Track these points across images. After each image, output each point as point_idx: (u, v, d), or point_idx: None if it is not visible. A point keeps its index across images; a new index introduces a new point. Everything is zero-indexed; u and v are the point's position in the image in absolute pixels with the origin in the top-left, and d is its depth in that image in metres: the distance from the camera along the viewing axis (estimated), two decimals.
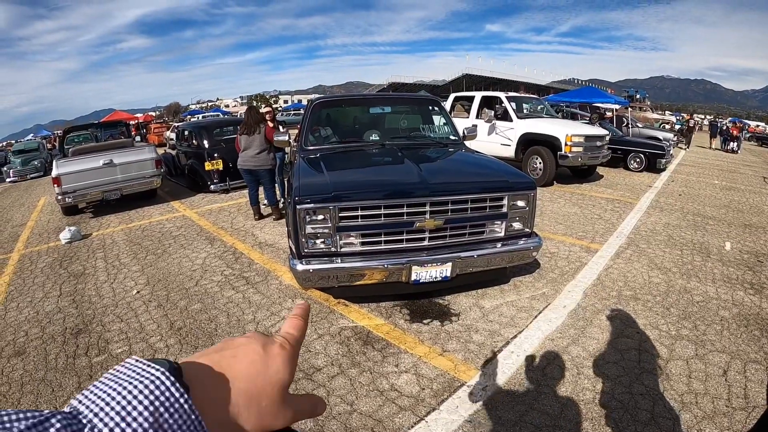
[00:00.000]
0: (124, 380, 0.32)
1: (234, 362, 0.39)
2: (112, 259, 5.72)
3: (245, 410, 0.37)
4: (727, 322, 3.65)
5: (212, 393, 0.36)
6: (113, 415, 0.30)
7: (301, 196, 3.22)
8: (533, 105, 10.91)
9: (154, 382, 0.32)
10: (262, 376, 0.39)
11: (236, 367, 0.39)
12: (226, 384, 0.37)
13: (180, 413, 0.32)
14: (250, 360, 0.39)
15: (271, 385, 0.39)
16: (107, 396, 0.31)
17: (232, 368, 0.38)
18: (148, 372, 0.33)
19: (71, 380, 3.11)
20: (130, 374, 0.33)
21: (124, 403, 0.30)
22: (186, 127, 11.07)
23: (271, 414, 0.39)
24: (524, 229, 3.74)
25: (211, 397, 0.36)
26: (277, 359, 0.41)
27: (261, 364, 0.40)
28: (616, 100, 17.17)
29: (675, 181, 10.75)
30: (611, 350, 3.19)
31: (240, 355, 0.40)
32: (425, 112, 5.56)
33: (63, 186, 7.79)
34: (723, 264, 4.98)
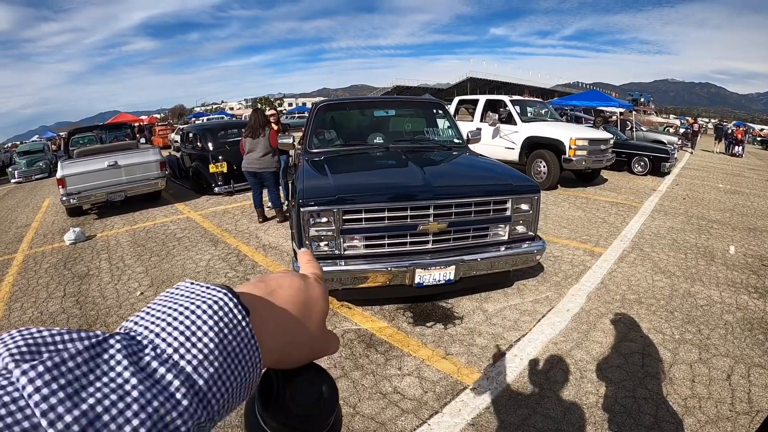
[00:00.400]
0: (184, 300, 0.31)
1: (281, 291, 0.39)
2: (116, 260, 5.74)
3: (297, 336, 0.38)
4: (731, 326, 3.64)
5: (266, 319, 0.36)
6: (176, 335, 0.29)
7: (305, 198, 3.23)
8: (537, 108, 10.91)
9: (217, 303, 0.31)
10: (309, 302, 0.40)
11: (284, 295, 0.38)
12: (278, 311, 0.37)
13: (242, 336, 0.31)
14: (296, 288, 0.40)
15: (316, 312, 0.40)
16: (167, 316, 0.30)
17: (280, 295, 0.38)
18: (209, 293, 0.32)
19: None
20: (189, 295, 0.32)
21: (187, 322, 0.29)
22: (190, 130, 11.11)
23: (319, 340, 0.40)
24: (528, 232, 3.74)
25: (266, 322, 0.35)
26: (317, 288, 0.42)
27: (305, 292, 0.40)
28: (620, 103, 17.14)
29: (679, 185, 10.72)
30: (615, 354, 3.18)
31: (285, 284, 0.39)
32: (429, 116, 5.57)
33: (68, 187, 7.83)
34: (727, 268, 4.97)
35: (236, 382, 0.30)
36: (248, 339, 0.31)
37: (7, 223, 8.90)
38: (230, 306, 0.31)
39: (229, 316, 0.31)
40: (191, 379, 0.28)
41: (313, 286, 0.41)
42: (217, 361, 0.29)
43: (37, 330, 0.27)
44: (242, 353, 0.31)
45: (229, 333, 0.30)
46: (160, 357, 0.27)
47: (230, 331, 0.30)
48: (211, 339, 0.29)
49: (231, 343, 0.30)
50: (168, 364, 0.27)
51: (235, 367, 0.30)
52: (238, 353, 0.30)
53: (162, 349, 0.28)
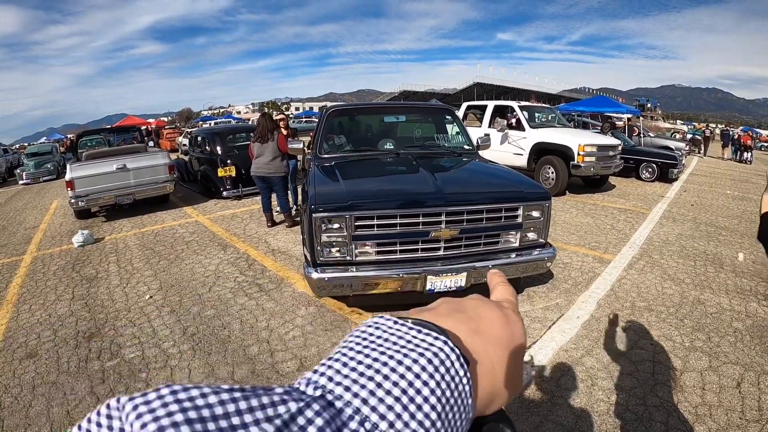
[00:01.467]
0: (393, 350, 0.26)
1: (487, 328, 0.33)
2: (124, 263, 5.77)
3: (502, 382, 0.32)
4: (741, 334, 3.63)
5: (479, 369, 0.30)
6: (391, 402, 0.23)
7: (317, 204, 3.25)
8: (545, 114, 10.90)
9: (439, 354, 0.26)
10: (512, 341, 0.34)
11: (491, 333, 0.33)
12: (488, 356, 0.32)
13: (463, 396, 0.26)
14: (501, 325, 0.34)
15: (518, 350, 0.34)
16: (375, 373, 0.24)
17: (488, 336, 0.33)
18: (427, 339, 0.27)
19: (83, 384, 3.13)
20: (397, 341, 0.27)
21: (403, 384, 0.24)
22: (199, 133, 11.18)
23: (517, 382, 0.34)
24: (539, 239, 3.75)
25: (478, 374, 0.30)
26: (518, 320, 0.36)
27: (508, 327, 0.34)
28: (627, 109, 17.12)
29: (687, 191, 10.68)
30: (625, 362, 3.18)
31: (486, 317, 0.34)
32: (439, 121, 5.59)
33: (76, 189, 7.91)
34: (736, 275, 4.95)
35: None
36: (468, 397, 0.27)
37: (16, 224, 8.97)
38: (452, 359, 0.26)
39: (451, 373, 0.26)
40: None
41: (515, 320, 0.35)
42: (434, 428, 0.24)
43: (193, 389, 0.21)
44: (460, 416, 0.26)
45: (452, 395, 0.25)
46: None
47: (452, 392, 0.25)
48: (433, 407, 0.24)
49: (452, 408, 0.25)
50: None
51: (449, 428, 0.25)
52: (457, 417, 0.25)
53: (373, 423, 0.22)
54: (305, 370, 3.03)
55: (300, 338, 3.62)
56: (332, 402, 0.23)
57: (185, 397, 0.20)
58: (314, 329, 3.76)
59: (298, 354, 3.40)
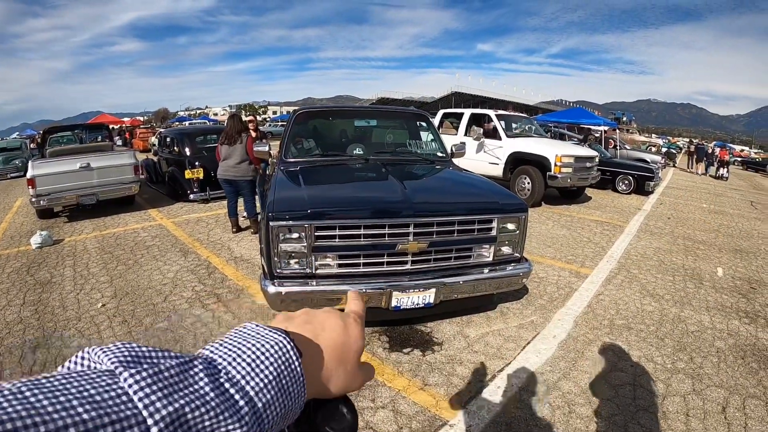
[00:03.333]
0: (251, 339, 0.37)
1: (324, 333, 0.44)
2: (81, 267, 5.43)
3: (334, 374, 0.43)
4: (724, 354, 3.49)
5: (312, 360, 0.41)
6: (244, 365, 0.35)
7: (275, 212, 2.96)
8: (523, 124, 10.79)
9: (279, 344, 0.37)
10: (347, 344, 0.45)
11: (326, 337, 0.44)
12: (321, 352, 0.43)
13: (294, 373, 0.37)
14: (337, 330, 0.45)
15: (352, 352, 0.45)
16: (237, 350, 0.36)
17: (323, 338, 0.44)
18: (273, 335, 0.38)
19: None
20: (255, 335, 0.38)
21: (253, 357, 0.35)
22: (168, 134, 10.79)
23: (352, 376, 0.45)
24: (514, 254, 3.51)
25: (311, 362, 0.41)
26: (356, 329, 0.47)
27: (344, 334, 0.45)
28: (604, 121, 17.21)
29: (663, 204, 10.70)
30: (605, 386, 2.97)
31: (327, 326, 0.45)
32: (413, 127, 5.36)
33: (37, 188, 7.50)
34: (716, 291, 4.84)
35: (285, 409, 0.36)
36: (298, 376, 0.37)
37: None
38: (287, 348, 0.38)
39: (286, 356, 0.37)
40: (253, 401, 0.33)
41: (353, 327, 0.46)
42: (273, 390, 0.35)
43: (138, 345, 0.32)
44: (292, 387, 0.37)
45: (285, 369, 0.36)
46: (231, 380, 0.33)
47: (286, 368, 0.37)
48: (270, 372, 0.35)
49: (285, 378, 0.36)
50: (237, 387, 0.33)
51: (286, 397, 0.36)
52: (289, 386, 0.36)
53: (232, 375, 0.34)
54: None
55: None
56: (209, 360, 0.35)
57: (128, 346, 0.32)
58: None
59: None
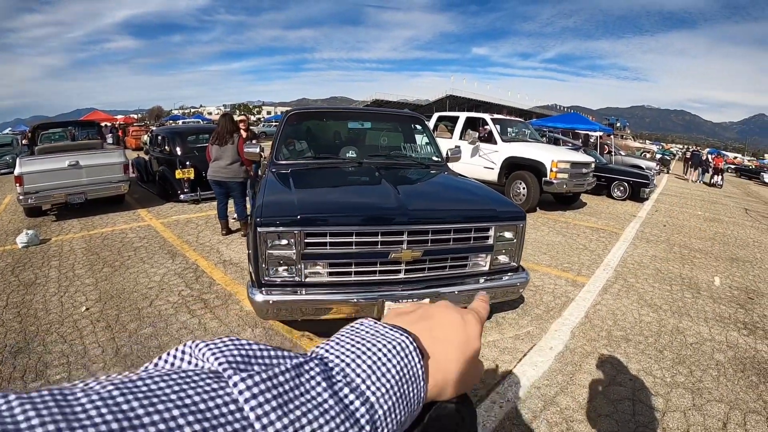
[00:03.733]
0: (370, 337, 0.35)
1: (442, 330, 0.41)
2: (66, 269, 5.28)
3: (453, 374, 0.40)
4: (723, 367, 3.41)
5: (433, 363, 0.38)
6: (365, 368, 0.32)
7: (263, 216, 2.83)
8: (518, 129, 10.71)
9: (401, 344, 0.35)
10: (466, 343, 0.41)
11: (446, 335, 0.41)
12: (441, 351, 0.40)
13: (416, 378, 0.35)
14: (456, 328, 0.42)
15: (472, 351, 0.42)
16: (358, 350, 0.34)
17: (443, 337, 0.41)
18: (394, 335, 0.36)
19: None
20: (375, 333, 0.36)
21: (374, 359, 0.33)
22: (160, 132, 10.61)
23: (470, 376, 0.42)
24: (511, 263, 3.40)
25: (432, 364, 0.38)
26: (475, 328, 0.44)
27: (463, 331, 0.42)
28: (600, 127, 17.18)
29: (659, 211, 10.65)
30: (603, 401, 2.86)
31: (445, 323, 0.42)
32: (407, 130, 5.24)
33: (25, 186, 7.33)
34: (714, 301, 4.76)
35: (404, 415, 0.33)
36: (420, 380, 0.35)
37: None
38: (410, 349, 0.35)
39: (408, 357, 0.35)
40: (373, 408, 0.31)
41: (472, 325, 0.43)
42: (395, 395, 0.33)
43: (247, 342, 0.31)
44: (413, 391, 0.34)
45: (407, 373, 0.34)
46: (350, 384, 0.31)
47: (408, 371, 0.34)
48: (393, 376, 0.33)
49: (408, 382, 0.34)
50: (357, 392, 0.31)
51: (407, 402, 0.34)
52: (411, 390, 0.34)
53: (351, 378, 0.32)
54: None
55: None
56: (325, 361, 0.33)
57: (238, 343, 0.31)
58: None
59: None
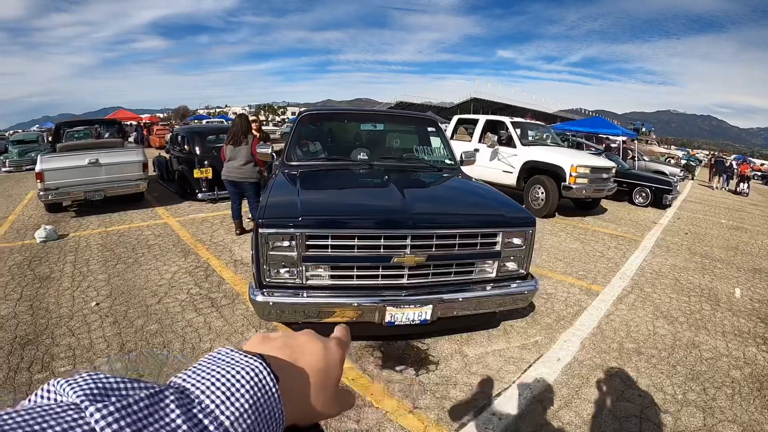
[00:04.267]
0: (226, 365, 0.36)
1: (304, 357, 0.43)
2: (81, 264, 5.39)
3: (312, 400, 0.42)
4: (739, 385, 3.25)
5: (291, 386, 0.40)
6: (219, 394, 0.33)
7: (265, 218, 2.82)
8: (539, 132, 10.56)
9: (254, 370, 0.36)
10: (325, 371, 0.43)
11: (306, 361, 0.42)
12: (300, 377, 0.41)
13: (272, 400, 0.36)
14: (317, 355, 0.43)
15: (330, 379, 0.44)
16: (212, 377, 0.34)
17: (303, 362, 0.42)
18: (249, 361, 0.37)
19: (6, 397, 2.82)
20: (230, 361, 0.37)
21: (228, 385, 0.34)
22: (180, 132, 10.76)
23: (329, 404, 0.44)
24: (519, 270, 3.31)
25: (290, 388, 0.39)
26: (336, 354, 0.46)
27: (325, 358, 0.44)
28: (624, 131, 16.82)
29: (681, 219, 10.37)
30: (609, 417, 2.76)
31: (307, 350, 0.43)
32: (421, 133, 5.19)
33: (46, 182, 7.53)
34: (733, 314, 4.59)
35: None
36: (276, 402, 0.36)
37: None
38: (264, 374, 0.36)
39: (262, 382, 0.35)
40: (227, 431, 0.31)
41: (333, 353, 0.45)
42: (250, 419, 0.33)
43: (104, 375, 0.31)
44: (270, 414, 0.35)
45: (262, 396, 0.35)
46: (204, 411, 0.32)
47: (263, 395, 0.35)
48: (246, 400, 0.34)
49: (262, 405, 0.35)
50: (211, 417, 0.31)
51: (264, 425, 0.34)
52: (268, 414, 0.35)
53: (206, 405, 0.32)
54: None
55: None
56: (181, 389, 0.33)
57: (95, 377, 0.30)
58: None
59: None
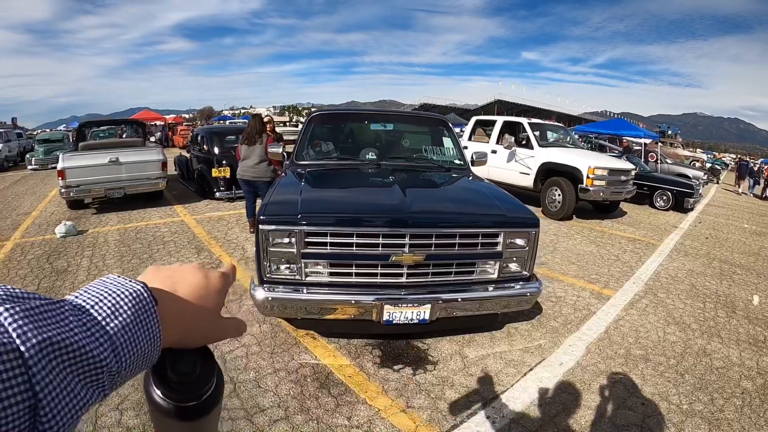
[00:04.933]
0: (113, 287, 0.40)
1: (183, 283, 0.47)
2: (97, 258, 5.55)
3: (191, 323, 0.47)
4: (749, 397, 3.13)
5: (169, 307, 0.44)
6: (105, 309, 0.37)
7: (266, 214, 2.87)
8: (558, 134, 10.43)
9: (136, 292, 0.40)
10: (205, 296, 0.48)
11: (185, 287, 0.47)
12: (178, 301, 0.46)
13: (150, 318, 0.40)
14: (196, 282, 0.48)
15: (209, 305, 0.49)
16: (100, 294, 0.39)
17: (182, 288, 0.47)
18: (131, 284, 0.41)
19: None
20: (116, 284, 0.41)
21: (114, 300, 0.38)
22: (199, 132, 10.96)
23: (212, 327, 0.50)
24: (522, 271, 3.26)
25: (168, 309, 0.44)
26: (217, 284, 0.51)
27: (204, 287, 0.49)
28: (645, 133, 16.50)
29: (702, 223, 10.12)
30: (608, 426, 2.70)
31: (187, 281, 0.48)
32: (431, 133, 5.17)
33: (67, 179, 7.77)
34: (749, 322, 4.45)
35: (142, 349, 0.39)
36: (154, 321, 0.41)
37: (10, 209, 8.89)
38: (144, 296, 0.40)
39: (143, 302, 0.40)
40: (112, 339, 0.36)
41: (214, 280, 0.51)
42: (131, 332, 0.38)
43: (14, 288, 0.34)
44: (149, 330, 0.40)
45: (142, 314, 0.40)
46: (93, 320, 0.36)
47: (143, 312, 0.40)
48: (128, 316, 0.38)
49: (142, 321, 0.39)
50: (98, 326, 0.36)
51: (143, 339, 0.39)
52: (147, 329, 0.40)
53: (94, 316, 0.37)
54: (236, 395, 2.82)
55: (242, 359, 3.23)
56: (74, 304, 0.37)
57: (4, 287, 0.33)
58: (260, 350, 3.36)
59: (235, 377, 2.99)
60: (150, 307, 0.40)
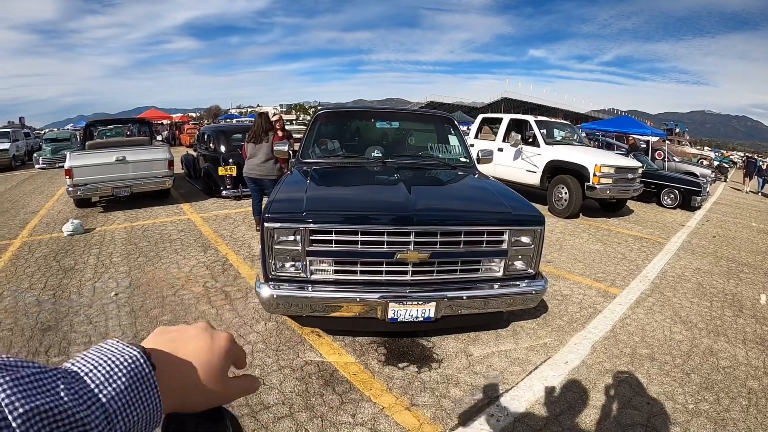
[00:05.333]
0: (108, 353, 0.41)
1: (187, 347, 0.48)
2: (104, 256, 5.59)
3: (192, 390, 0.46)
4: (756, 396, 3.11)
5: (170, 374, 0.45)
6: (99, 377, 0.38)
7: (270, 212, 2.88)
8: (565, 132, 10.39)
9: (132, 358, 0.41)
10: (208, 364, 0.48)
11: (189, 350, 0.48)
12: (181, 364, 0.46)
13: (148, 384, 0.41)
14: (200, 345, 0.49)
15: (213, 368, 0.48)
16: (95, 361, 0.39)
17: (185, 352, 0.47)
18: (128, 350, 0.41)
19: None
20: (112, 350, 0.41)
21: (108, 367, 0.39)
22: (205, 130, 11.00)
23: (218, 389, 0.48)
24: (527, 269, 3.25)
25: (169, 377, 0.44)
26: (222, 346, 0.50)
27: (209, 350, 0.49)
28: (652, 131, 16.38)
29: (710, 221, 10.05)
30: (613, 425, 2.69)
31: (190, 344, 0.48)
32: (437, 131, 5.17)
33: (74, 178, 7.83)
34: (756, 321, 4.42)
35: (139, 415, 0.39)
36: (152, 386, 0.41)
37: (18, 207, 8.95)
38: (140, 362, 0.41)
39: (139, 368, 0.40)
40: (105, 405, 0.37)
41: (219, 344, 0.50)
42: (126, 397, 0.38)
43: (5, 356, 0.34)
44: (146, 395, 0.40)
45: (138, 380, 0.40)
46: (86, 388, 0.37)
47: (139, 379, 0.40)
48: (123, 383, 0.39)
49: (138, 387, 0.40)
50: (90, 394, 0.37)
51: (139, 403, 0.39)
52: (144, 395, 0.40)
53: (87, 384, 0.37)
54: None
55: (247, 356, 3.24)
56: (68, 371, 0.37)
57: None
58: (265, 348, 3.38)
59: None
60: (146, 373, 0.41)
